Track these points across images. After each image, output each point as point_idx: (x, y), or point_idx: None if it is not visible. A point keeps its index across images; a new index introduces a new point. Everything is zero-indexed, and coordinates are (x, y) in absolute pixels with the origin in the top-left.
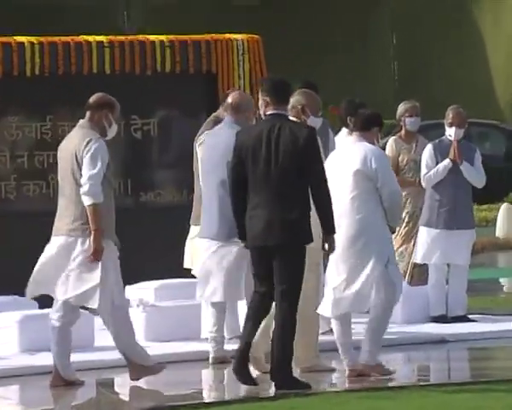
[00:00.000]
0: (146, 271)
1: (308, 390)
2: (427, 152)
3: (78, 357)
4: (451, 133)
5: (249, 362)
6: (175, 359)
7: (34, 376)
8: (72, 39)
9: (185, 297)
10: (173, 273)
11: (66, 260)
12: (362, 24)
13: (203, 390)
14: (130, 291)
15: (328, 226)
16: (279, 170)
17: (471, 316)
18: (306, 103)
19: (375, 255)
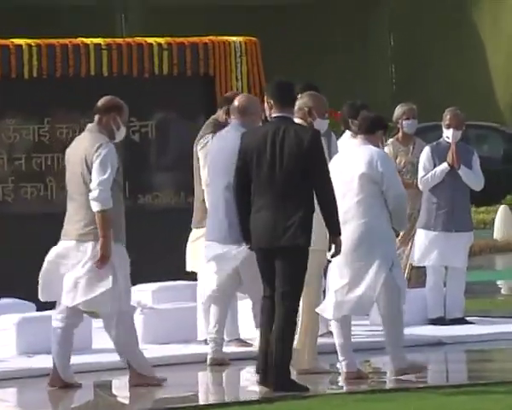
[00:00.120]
0: (144, 273)
1: (306, 393)
2: (424, 154)
3: (75, 359)
4: (449, 135)
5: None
6: (173, 361)
7: (32, 378)
8: (69, 42)
9: (183, 300)
10: (171, 276)
11: (75, 265)
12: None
13: (201, 393)
14: None
15: (333, 228)
16: (283, 172)
17: (469, 318)
18: (313, 106)
19: (380, 259)
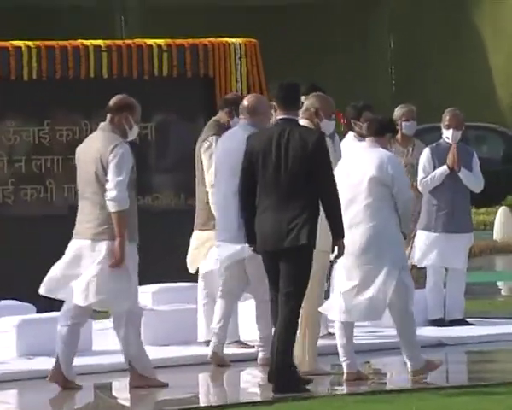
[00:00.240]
0: (144, 274)
1: (306, 394)
2: (424, 156)
3: (76, 361)
4: (449, 135)
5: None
6: (172, 363)
7: (32, 380)
8: (69, 43)
9: (183, 301)
10: (171, 277)
11: (89, 264)
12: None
13: (201, 394)
14: None
15: (337, 230)
16: (288, 175)
17: (469, 319)
18: (320, 107)
19: (389, 262)
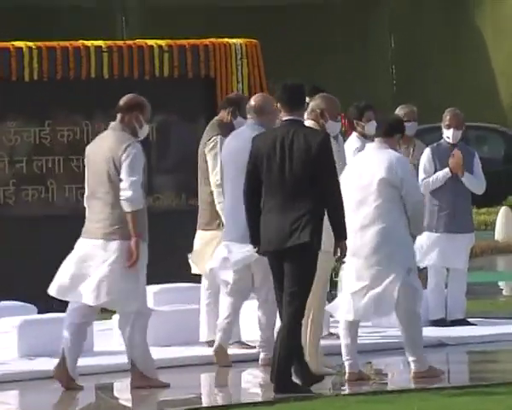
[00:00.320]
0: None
1: (308, 394)
2: (425, 156)
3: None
4: (449, 135)
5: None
6: (174, 363)
7: (33, 381)
8: (70, 44)
9: (184, 302)
10: (172, 278)
11: (100, 264)
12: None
13: (202, 395)
14: None
15: (339, 232)
16: (293, 176)
17: (470, 319)
18: (326, 108)
19: (399, 264)
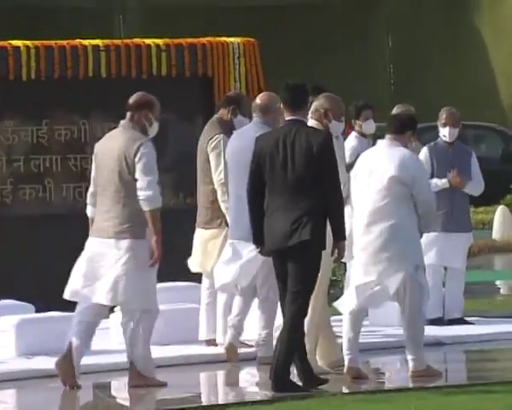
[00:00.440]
0: None
1: (305, 393)
2: (422, 155)
3: None
4: (446, 134)
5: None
6: (172, 362)
7: (31, 380)
8: (67, 43)
9: (182, 300)
10: (171, 277)
11: (113, 264)
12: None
13: (201, 394)
14: None
15: (339, 232)
16: (295, 176)
17: (468, 318)
18: (329, 108)
19: (407, 261)
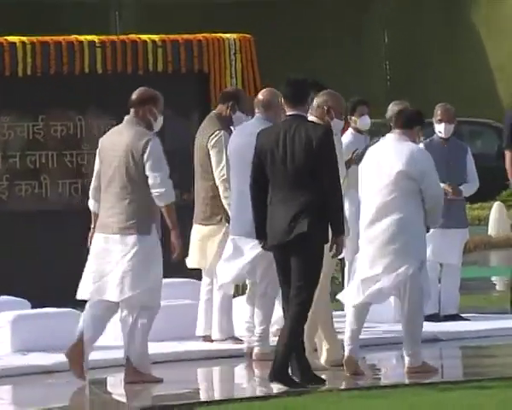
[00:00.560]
0: None
1: (301, 389)
2: None
3: None
4: (441, 130)
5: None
6: (168, 358)
7: (27, 376)
8: (63, 39)
9: (178, 297)
10: (166, 273)
11: (119, 260)
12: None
13: (196, 390)
14: None
15: (337, 227)
16: (295, 170)
17: (463, 314)
18: (332, 105)
19: (412, 255)
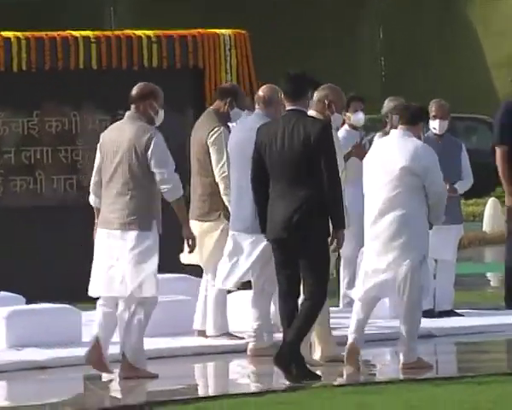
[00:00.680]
0: None
1: (295, 385)
2: None
3: (65, 352)
4: (435, 126)
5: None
6: (163, 354)
7: (21, 371)
8: (58, 34)
9: (173, 292)
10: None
11: (119, 254)
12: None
13: (190, 386)
14: None
15: (337, 222)
16: (293, 165)
17: (458, 310)
18: (333, 99)
19: (414, 251)
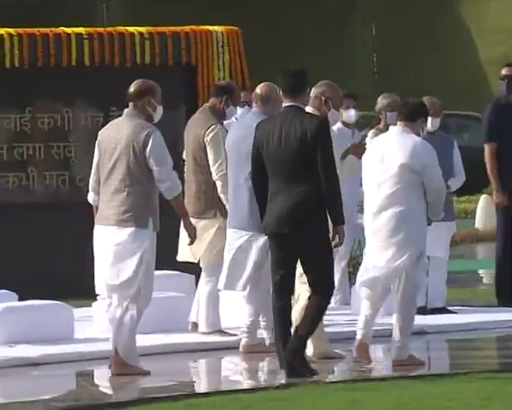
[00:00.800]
0: None
1: (287, 381)
2: None
3: (57, 349)
4: (427, 123)
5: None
6: (155, 351)
7: (14, 368)
8: (50, 31)
9: (167, 289)
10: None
11: (116, 250)
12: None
13: (184, 382)
14: None
15: (336, 217)
16: (290, 160)
17: (450, 307)
18: (330, 96)
19: (412, 248)
